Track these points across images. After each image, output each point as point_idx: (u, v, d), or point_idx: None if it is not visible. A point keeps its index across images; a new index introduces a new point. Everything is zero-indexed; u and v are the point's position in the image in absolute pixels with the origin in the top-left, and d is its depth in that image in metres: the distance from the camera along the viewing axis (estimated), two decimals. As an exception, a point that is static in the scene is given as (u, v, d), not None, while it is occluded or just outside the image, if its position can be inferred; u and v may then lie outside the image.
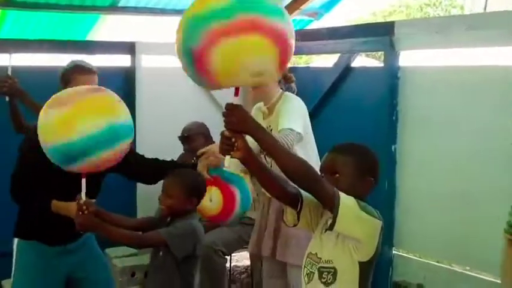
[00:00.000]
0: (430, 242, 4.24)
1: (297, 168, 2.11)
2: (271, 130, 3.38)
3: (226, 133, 2.16)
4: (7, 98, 3.69)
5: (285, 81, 3.67)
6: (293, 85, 3.72)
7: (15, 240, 3.44)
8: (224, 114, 2.15)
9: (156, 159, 3.43)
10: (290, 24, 2.18)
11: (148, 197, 3.59)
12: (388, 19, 16.03)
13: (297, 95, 3.63)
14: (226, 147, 2.15)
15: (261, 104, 3.65)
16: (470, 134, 3.95)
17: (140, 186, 5.13)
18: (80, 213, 2.73)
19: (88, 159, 2.54)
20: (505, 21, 3.80)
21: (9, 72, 3.73)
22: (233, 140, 2.13)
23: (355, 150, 2.33)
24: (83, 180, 2.71)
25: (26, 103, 3.65)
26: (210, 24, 2.00)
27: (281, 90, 3.59)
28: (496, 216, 3.74)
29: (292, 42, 2.16)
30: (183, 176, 3.08)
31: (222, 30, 1.99)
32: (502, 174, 3.75)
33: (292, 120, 3.28)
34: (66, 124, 2.50)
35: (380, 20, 16.17)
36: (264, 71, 2.13)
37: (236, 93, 2.21)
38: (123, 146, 2.65)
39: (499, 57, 4.48)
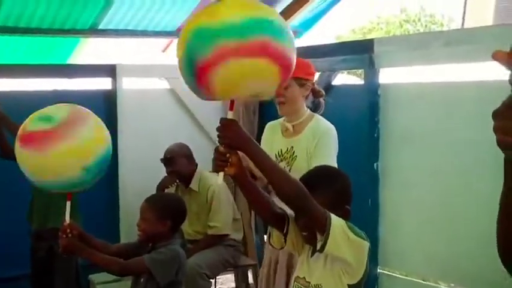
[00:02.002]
0: (415, 259, 4.22)
1: (289, 187, 2.09)
2: (293, 152, 3.30)
3: (221, 149, 2.11)
4: None
5: (314, 96, 3.50)
6: (321, 100, 3.56)
7: None
8: (218, 129, 2.11)
9: None
10: (293, 44, 2.18)
11: (132, 223, 3.58)
12: (368, 36, 16.22)
13: (323, 113, 3.53)
14: (221, 163, 2.11)
15: (278, 121, 3.53)
16: (452, 149, 3.97)
17: (123, 212, 5.12)
18: (64, 235, 2.72)
19: None
20: (481, 37, 3.84)
21: None
22: (227, 155, 2.10)
23: (319, 185, 2.26)
24: (68, 203, 2.71)
25: (8, 127, 3.63)
26: (221, 40, 1.97)
27: (309, 110, 3.43)
28: (479, 231, 3.77)
29: (294, 63, 2.18)
30: (155, 200, 3.12)
31: (233, 48, 1.96)
32: (485, 188, 3.77)
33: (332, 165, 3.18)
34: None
35: (359, 36, 16.34)
36: (264, 92, 2.17)
37: (231, 108, 2.17)
38: None
39: (478, 72, 4.52)
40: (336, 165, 3.20)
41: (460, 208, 3.91)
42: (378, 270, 4.42)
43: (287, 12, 5.40)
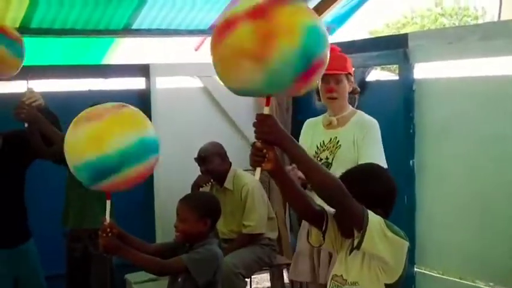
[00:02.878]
0: (452, 257, 4.17)
1: (327, 183, 2.08)
2: (337, 141, 3.44)
3: (258, 144, 2.11)
4: (26, 124, 3.70)
5: (351, 92, 3.61)
6: (356, 96, 3.70)
7: None
8: (255, 125, 2.12)
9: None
10: None
11: (167, 221, 3.59)
12: (402, 30, 16.04)
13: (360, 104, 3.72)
14: (257, 159, 2.11)
15: (319, 117, 3.64)
16: (489, 145, 3.91)
17: (158, 211, 5.16)
18: (104, 235, 2.74)
19: (118, 176, 2.52)
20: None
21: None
22: (264, 151, 2.10)
23: (357, 182, 2.24)
24: (108, 202, 2.71)
25: (43, 129, 3.65)
26: (328, 41, 2.12)
27: (350, 105, 3.59)
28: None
29: None
30: (193, 199, 3.11)
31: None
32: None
33: (381, 157, 3.36)
34: (98, 138, 2.49)
35: (394, 31, 16.17)
36: None
37: (267, 103, 2.17)
38: (152, 161, 2.63)
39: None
40: (383, 156, 3.36)
41: (498, 206, 3.84)
42: (415, 269, 4.37)
43: (320, 8, 5.37)
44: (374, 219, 2.08)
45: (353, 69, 3.63)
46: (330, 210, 2.25)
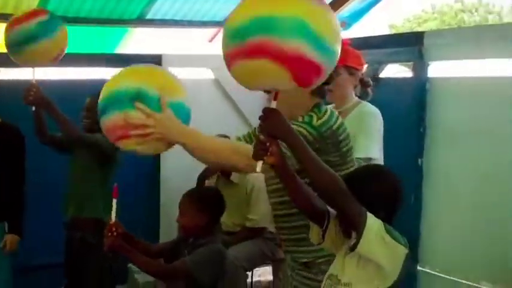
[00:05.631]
0: (457, 258, 4.12)
1: (327, 182, 2.06)
2: None
3: (262, 137, 2.10)
4: (33, 108, 3.70)
5: (362, 86, 3.57)
6: (369, 90, 3.63)
7: None
8: (260, 118, 2.11)
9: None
10: (310, 39, 2.01)
11: (172, 217, 3.55)
12: (423, 25, 15.91)
13: (371, 101, 3.59)
14: (260, 152, 2.09)
15: (331, 106, 3.46)
16: (500, 147, 3.85)
17: (164, 207, 5.16)
18: (109, 234, 2.73)
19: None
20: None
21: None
22: (267, 144, 2.08)
23: (360, 184, 2.17)
24: (114, 201, 2.71)
25: (51, 113, 3.65)
26: (229, 44, 2.05)
27: (357, 97, 3.50)
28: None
29: (313, 56, 2.01)
30: (193, 193, 3.10)
31: (236, 52, 2.01)
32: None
33: (371, 147, 3.28)
34: None
35: (414, 26, 16.05)
36: (278, 87, 2.11)
37: (275, 97, 2.14)
38: None
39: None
40: (378, 146, 3.31)
41: (505, 208, 3.79)
42: (418, 268, 4.33)
43: (336, 3, 5.33)
44: (373, 222, 2.03)
45: (364, 64, 3.61)
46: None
